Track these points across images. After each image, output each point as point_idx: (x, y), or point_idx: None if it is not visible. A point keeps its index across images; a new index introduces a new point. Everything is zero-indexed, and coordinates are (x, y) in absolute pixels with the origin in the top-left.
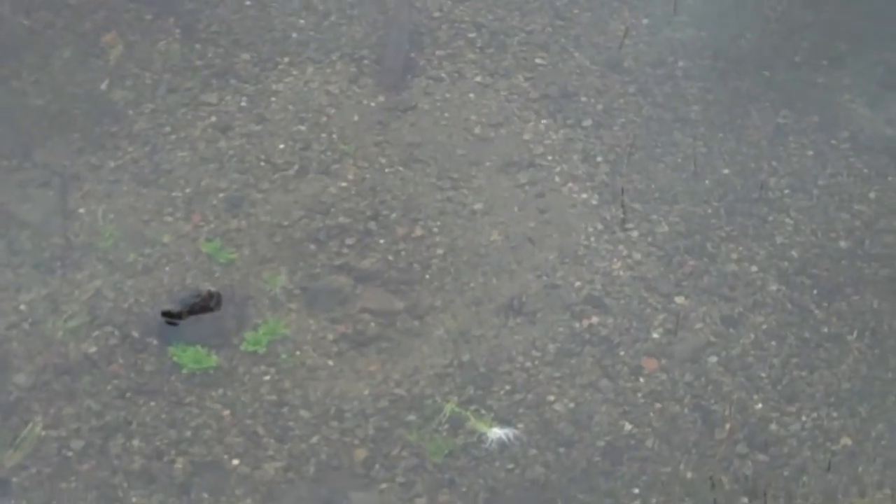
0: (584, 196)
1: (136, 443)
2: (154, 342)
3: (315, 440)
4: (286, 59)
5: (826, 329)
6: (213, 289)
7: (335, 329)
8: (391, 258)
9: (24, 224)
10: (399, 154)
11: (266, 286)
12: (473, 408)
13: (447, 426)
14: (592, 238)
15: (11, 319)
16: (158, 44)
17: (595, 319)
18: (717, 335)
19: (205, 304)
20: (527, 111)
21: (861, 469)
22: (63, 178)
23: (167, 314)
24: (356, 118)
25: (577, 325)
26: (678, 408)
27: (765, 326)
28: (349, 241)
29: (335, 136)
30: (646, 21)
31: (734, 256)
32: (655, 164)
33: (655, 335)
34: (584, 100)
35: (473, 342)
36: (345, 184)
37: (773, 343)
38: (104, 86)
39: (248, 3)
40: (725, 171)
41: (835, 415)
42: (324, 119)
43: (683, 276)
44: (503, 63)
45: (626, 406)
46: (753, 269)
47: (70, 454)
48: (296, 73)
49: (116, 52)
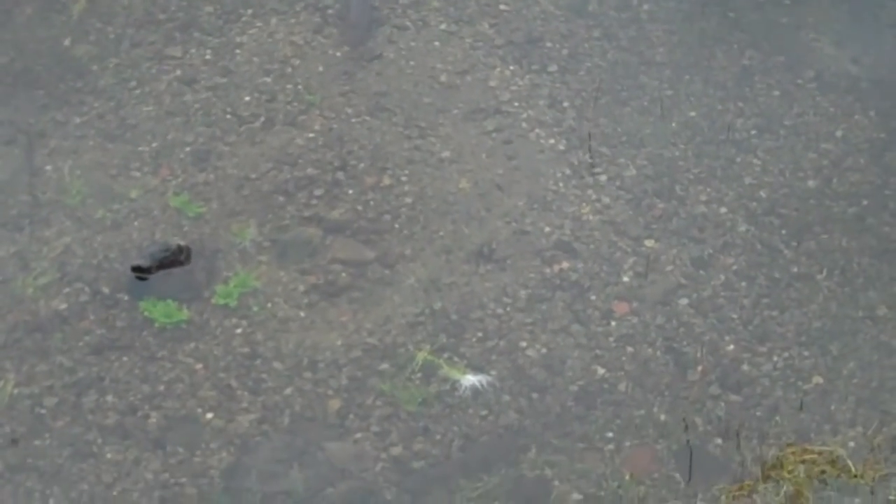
0: (552, 141)
1: (110, 398)
2: (125, 297)
3: (288, 391)
4: (249, 11)
5: (795, 269)
6: (183, 243)
7: (306, 280)
8: (360, 208)
9: None
10: (365, 104)
11: (235, 239)
12: (446, 355)
13: (420, 374)
14: (561, 183)
15: None
16: None
17: (565, 264)
18: (688, 277)
19: (175, 259)
20: (492, 58)
21: (833, 407)
22: (28, 136)
23: (137, 269)
24: (321, 69)
25: (548, 271)
26: (650, 351)
27: (735, 267)
28: (318, 192)
29: (301, 87)
30: None
31: (703, 198)
32: (622, 108)
33: (626, 279)
34: (550, 45)
35: (444, 290)
36: (312, 135)
37: (744, 284)
38: (67, 41)
39: None
40: (692, 114)
41: (806, 354)
42: (289, 70)
43: (653, 219)
44: (467, 10)
45: (599, 350)
46: (722, 211)
47: (43, 411)
48: (260, 25)
49: (79, 7)
